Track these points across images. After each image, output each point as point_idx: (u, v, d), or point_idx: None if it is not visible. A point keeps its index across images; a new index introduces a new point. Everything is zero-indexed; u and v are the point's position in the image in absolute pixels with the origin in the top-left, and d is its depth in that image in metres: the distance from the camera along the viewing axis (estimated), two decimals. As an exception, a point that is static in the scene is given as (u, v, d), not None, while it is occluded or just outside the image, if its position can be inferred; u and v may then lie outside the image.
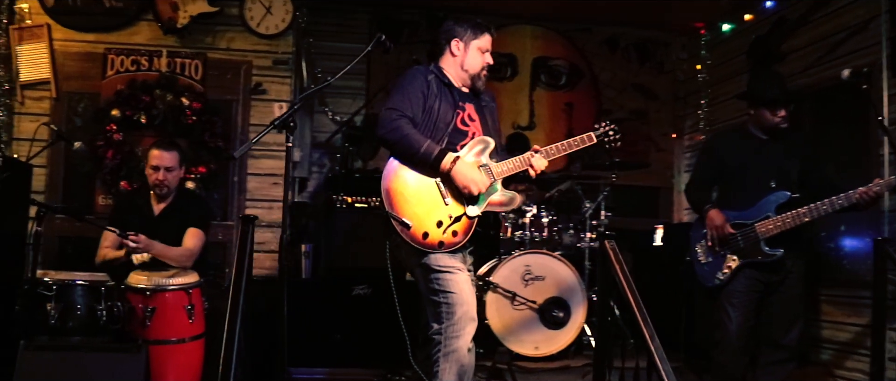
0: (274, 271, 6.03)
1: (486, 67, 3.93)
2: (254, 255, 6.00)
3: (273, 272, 6.04)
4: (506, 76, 7.72)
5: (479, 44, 3.91)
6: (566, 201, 6.29)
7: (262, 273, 6.01)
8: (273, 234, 6.07)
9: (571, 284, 5.57)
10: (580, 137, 3.96)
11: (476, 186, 3.64)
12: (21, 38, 5.92)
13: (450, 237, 3.65)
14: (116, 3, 6.04)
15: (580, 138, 3.95)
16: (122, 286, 4.41)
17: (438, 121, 3.75)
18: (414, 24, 7.57)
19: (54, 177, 5.93)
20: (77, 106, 5.98)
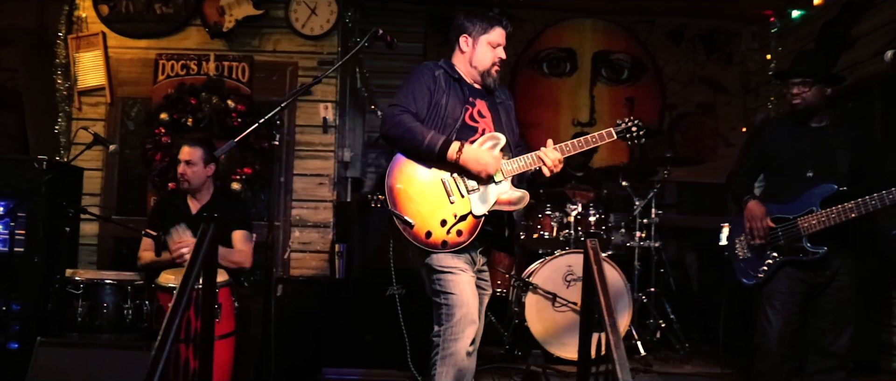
0: (319, 272, 6.06)
1: (497, 62, 3.78)
2: (300, 255, 6.12)
3: (318, 273, 6.05)
4: (565, 72, 7.52)
5: (489, 38, 3.77)
6: (618, 199, 6.06)
7: (307, 273, 6.03)
8: (319, 234, 6.08)
9: (616, 285, 5.34)
10: (598, 134, 3.77)
11: (490, 167, 3.51)
12: (79, 46, 6.13)
13: (454, 237, 3.52)
14: (167, 9, 6.18)
15: (598, 134, 3.77)
16: (152, 285, 4.49)
17: (446, 116, 3.63)
18: (469, 21, 7.44)
19: (109, 180, 6.12)
20: (130, 110, 6.14)
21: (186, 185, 4.90)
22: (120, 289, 4.39)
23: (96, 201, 6.07)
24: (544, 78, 7.50)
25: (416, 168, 3.59)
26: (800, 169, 4.13)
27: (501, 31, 3.80)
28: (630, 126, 3.83)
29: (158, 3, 6.18)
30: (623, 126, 3.82)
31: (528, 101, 7.43)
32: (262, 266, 5.65)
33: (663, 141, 7.36)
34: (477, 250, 3.69)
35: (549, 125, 7.24)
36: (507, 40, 3.85)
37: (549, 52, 7.52)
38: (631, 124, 3.83)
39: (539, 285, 5.31)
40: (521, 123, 7.15)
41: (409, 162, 3.60)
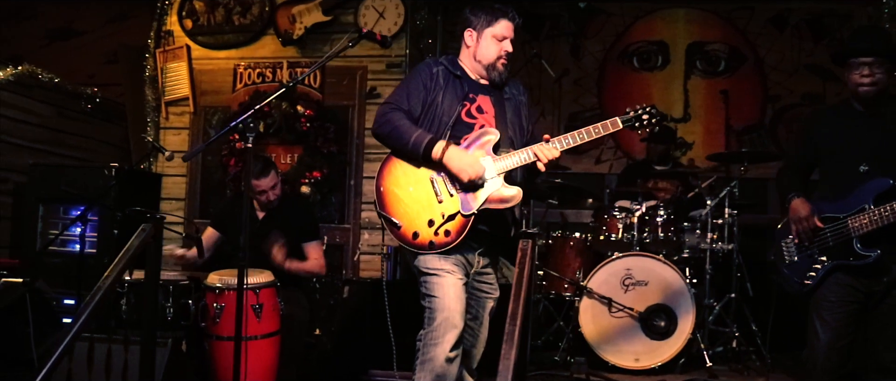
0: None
1: (503, 55, 3.60)
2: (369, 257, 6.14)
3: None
4: (656, 65, 7.14)
5: (493, 31, 3.61)
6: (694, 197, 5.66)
7: (376, 275, 6.04)
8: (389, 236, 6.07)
9: (678, 289, 4.99)
10: (603, 124, 3.52)
11: (468, 171, 3.36)
12: (166, 59, 6.48)
13: (441, 237, 3.40)
14: (244, 20, 6.40)
15: (602, 124, 3.52)
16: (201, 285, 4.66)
17: (441, 114, 3.52)
18: (555, 17, 7.24)
19: (192, 185, 6.41)
20: (212, 119, 6.41)
21: (271, 205, 5.05)
22: (162, 289, 4.58)
23: (181, 205, 6.37)
24: (634, 72, 7.16)
25: (405, 168, 3.50)
26: (852, 163, 3.66)
27: (507, 23, 3.63)
28: (640, 114, 3.55)
29: (237, 14, 6.42)
30: (632, 114, 3.55)
31: (618, 97, 7.12)
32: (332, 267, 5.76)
33: (765, 135, 6.82)
34: (475, 251, 3.53)
35: (639, 122, 6.87)
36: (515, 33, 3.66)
37: (639, 46, 7.17)
38: (641, 112, 3.55)
39: (595, 289, 5.05)
40: (612, 121, 6.93)
41: (399, 162, 3.52)
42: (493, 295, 3.68)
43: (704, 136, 6.91)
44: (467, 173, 3.36)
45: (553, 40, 7.21)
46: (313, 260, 4.95)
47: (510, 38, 3.63)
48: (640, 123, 3.56)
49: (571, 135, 3.49)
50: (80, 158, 6.41)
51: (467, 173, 3.36)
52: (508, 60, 3.64)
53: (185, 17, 6.51)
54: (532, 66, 6.71)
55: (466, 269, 3.51)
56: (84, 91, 6.51)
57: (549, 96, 7.21)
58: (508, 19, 3.63)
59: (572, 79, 7.21)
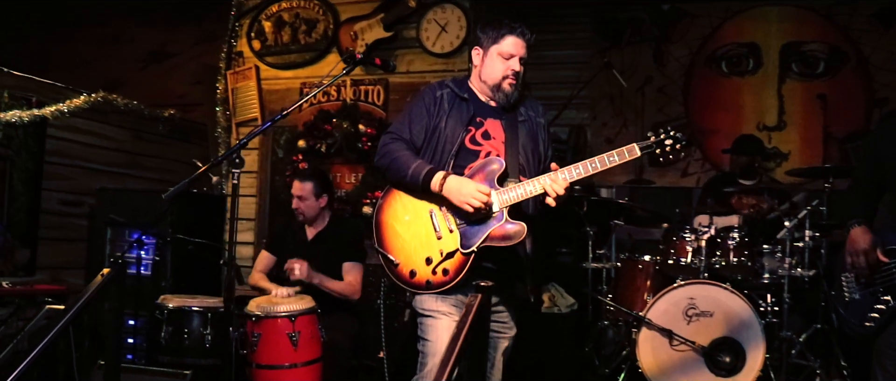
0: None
1: (510, 75, 3.34)
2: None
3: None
4: (747, 69, 6.59)
5: (499, 49, 3.36)
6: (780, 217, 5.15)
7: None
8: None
9: (746, 321, 4.53)
10: (618, 151, 3.19)
11: (473, 200, 3.11)
12: (236, 80, 6.53)
13: (439, 276, 3.18)
14: (309, 39, 6.36)
15: (618, 152, 3.19)
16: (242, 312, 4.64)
17: (445, 141, 3.31)
18: (637, 21, 6.83)
19: (261, 205, 6.43)
20: (280, 139, 6.41)
21: (301, 217, 5.02)
22: (202, 315, 4.59)
23: (250, 225, 6.41)
24: (723, 78, 6.64)
25: (404, 201, 3.31)
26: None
27: (515, 40, 3.37)
28: (662, 139, 3.21)
29: (303, 33, 6.39)
30: (652, 139, 3.21)
31: (706, 104, 6.62)
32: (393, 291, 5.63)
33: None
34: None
35: (730, 131, 6.35)
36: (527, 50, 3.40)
37: (728, 49, 6.64)
38: (664, 137, 3.21)
39: (654, 319, 4.66)
40: (700, 130, 6.49)
41: (399, 194, 3.34)
42: (506, 334, 3.42)
43: (801, 145, 6.31)
44: (471, 204, 3.12)
45: (635, 46, 6.80)
46: (346, 282, 4.81)
47: (519, 57, 3.36)
48: (662, 149, 3.22)
49: (583, 164, 3.18)
50: (156, 179, 6.57)
51: (471, 204, 3.12)
52: (517, 80, 3.37)
53: (254, 37, 6.54)
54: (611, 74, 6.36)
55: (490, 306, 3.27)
56: (160, 114, 6.66)
57: (632, 106, 6.80)
58: (516, 36, 3.37)
59: (656, 86, 6.76)
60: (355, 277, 4.86)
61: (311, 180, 5.01)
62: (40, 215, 5.66)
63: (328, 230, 5.04)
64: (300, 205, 4.97)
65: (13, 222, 5.45)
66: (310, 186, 4.98)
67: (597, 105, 6.87)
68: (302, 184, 5.00)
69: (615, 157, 3.17)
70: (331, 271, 4.91)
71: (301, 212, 4.98)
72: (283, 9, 6.50)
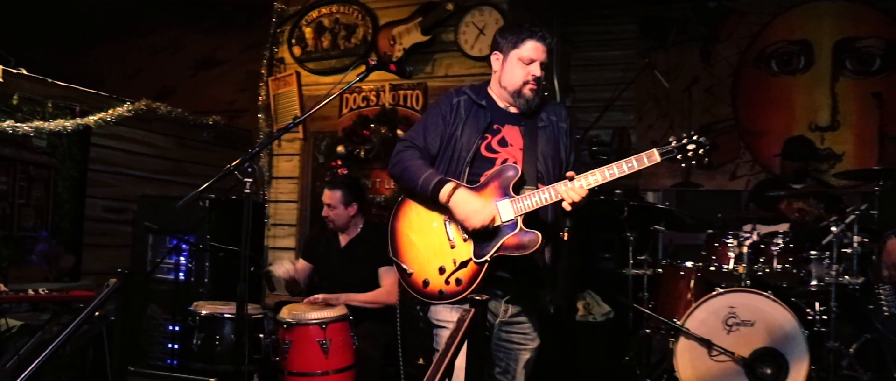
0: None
1: (530, 80, 3.27)
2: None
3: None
4: (798, 68, 6.33)
5: (519, 54, 3.29)
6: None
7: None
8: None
9: (789, 332, 4.34)
10: (637, 157, 3.10)
11: (473, 219, 3.06)
12: (277, 87, 6.57)
13: (452, 286, 3.13)
14: (348, 44, 6.36)
15: (637, 158, 3.09)
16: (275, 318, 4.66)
17: (460, 149, 3.26)
18: (683, 21, 6.64)
19: (302, 211, 6.45)
20: (321, 145, 6.42)
21: (331, 225, 5.01)
22: (233, 322, 4.60)
23: (292, 231, 6.43)
24: (773, 77, 6.39)
25: (418, 210, 3.27)
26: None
27: (535, 44, 3.29)
28: (684, 143, 3.09)
29: (342, 39, 6.39)
30: (673, 144, 3.08)
31: (755, 105, 6.38)
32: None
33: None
34: (500, 299, 3.23)
35: (781, 132, 6.11)
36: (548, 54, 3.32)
37: (778, 47, 6.39)
38: (686, 141, 3.08)
39: (693, 329, 4.50)
40: (749, 132, 6.28)
41: (413, 204, 3.30)
42: (528, 346, 3.34)
43: (855, 146, 6.03)
44: (472, 222, 3.06)
45: (681, 46, 6.60)
46: (383, 289, 4.78)
47: (540, 61, 3.28)
48: (684, 154, 3.09)
49: (600, 171, 3.09)
50: (200, 186, 6.63)
51: (472, 222, 3.06)
52: (537, 85, 3.28)
53: (295, 44, 6.57)
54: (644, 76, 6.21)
55: (487, 320, 3.19)
56: (204, 121, 6.74)
57: (678, 107, 6.61)
58: (537, 40, 3.29)
59: (703, 87, 6.55)
60: (391, 281, 4.80)
61: (339, 189, 5.00)
62: (84, 222, 5.76)
63: (361, 237, 5.02)
64: (330, 213, 4.97)
65: (58, 229, 5.57)
66: (339, 194, 4.98)
67: (642, 107, 6.70)
68: (331, 192, 5.00)
69: (634, 163, 3.07)
70: (366, 278, 4.89)
71: (331, 220, 4.98)
72: (322, 14, 6.52)
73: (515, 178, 3.13)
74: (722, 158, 6.39)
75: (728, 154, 6.38)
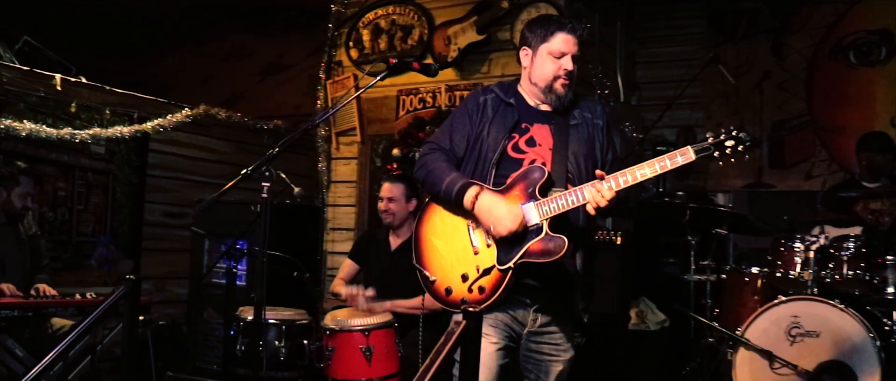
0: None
1: (562, 75, 3.10)
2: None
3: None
4: (879, 59, 5.95)
5: (549, 47, 3.13)
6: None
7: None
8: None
9: (858, 344, 4.03)
10: (670, 154, 2.88)
11: (499, 226, 2.91)
12: (335, 90, 6.55)
13: (475, 294, 2.99)
14: (405, 46, 6.29)
15: (670, 156, 2.89)
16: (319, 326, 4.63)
17: (487, 150, 3.12)
18: (753, 13, 6.30)
19: (360, 215, 6.41)
20: (378, 147, 6.37)
21: (389, 219, 4.93)
22: (277, 328, 4.59)
23: (350, 235, 6.39)
24: (851, 69, 6.01)
25: (443, 215, 3.15)
26: None
27: (566, 36, 3.12)
28: (722, 140, 2.86)
29: (399, 40, 6.33)
30: (711, 140, 2.86)
31: (831, 100, 6.02)
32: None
33: None
34: (528, 307, 3.06)
35: (859, 128, 5.73)
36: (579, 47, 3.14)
37: (856, 37, 6.00)
38: (724, 137, 2.86)
39: (753, 339, 4.23)
40: (824, 129, 5.93)
41: (437, 208, 3.17)
42: (560, 357, 3.15)
43: (944, 143, 5.61)
44: (498, 229, 2.91)
45: (751, 39, 6.28)
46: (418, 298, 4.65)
47: (572, 54, 3.10)
48: (722, 151, 2.86)
49: (631, 171, 2.89)
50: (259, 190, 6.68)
51: (498, 229, 2.91)
52: (570, 80, 3.11)
53: (352, 47, 6.54)
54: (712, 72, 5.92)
55: (512, 330, 3.05)
56: (264, 125, 6.77)
57: (749, 104, 6.28)
58: (567, 32, 3.11)
59: (775, 82, 6.22)
60: None
61: (402, 182, 4.92)
62: (144, 227, 5.85)
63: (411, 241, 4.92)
64: (390, 206, 4.87)
65: (116, 233, 5.66)
66: (401, 187, 4.89)
67: (710, 104, 6.41)
68: (392, 185, 4.90)
69: (667, 161, 2.86)
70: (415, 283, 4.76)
71: (391, 213, 4.87)
72: (379, 16, 6.47)
73: (542, 179, 2.96)
74: (796, 157, 6.06)
75: (803, 153, 6.05)
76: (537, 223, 2.93)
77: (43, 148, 5.22)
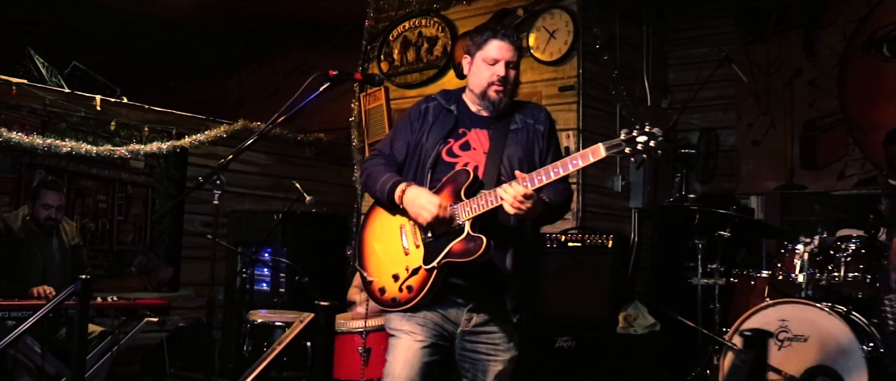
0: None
1: (495, 81, 3.19)
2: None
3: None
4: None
5: (483, 55, 3.23)
6: None
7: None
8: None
9: (845, 348, 3.88)
10: (582, 153, 2.90)
11: (423, 213, 3.00)
12: (368, 102, 6.78)
13: (404, 293, 3.11)
14: (430, 57, 6.45)
15: (581, 154, 2.90)
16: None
17: (424, 155, 3.23)
18: (782, 9, 6.12)
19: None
20: (406, 157, 6.53)
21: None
22: (282, 330, 4.82)
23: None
24: (885, 63, 5.71)
25: (382, 218, 3.28)
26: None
27: (499, 43, 3.21)
28: (633, 136, 2.85)
29: (425, 52, 6.50)
30: (622, 137, 2.86)
31: (865, 96, 5.76)
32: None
33: None
34: (462, 307, 3.14)
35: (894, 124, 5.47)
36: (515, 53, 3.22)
37: (889, 29, 5.71)
38: (636, 134, 2.85)
39: (740, 343, 4.15)
40: (858, 127, 5.73)
41: (379, 212, 3.31)
42: (498, 357, 3.19)
43: None
44: (423, 216, 3.00)
45: (781, 36, 6.10)
46: None
47: (505, 60, 3.19)
48: (633, 147, 2.85)
49: (545, 170, 2.94)
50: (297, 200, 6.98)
51: (423, 216, 3.00)
52: (503, 85, 3.19)
53: (383, 59, 6.76)
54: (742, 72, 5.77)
55: (443, 329, 3.13)
56: (307, 138, 7.06)
57: (780, 103, 6.10)
58: (499, 39, 3.21)
59: (806, 79, 6.00)
60: None
61: None
62: (183, 237, 6.22)
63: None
64: None
65: (156, 243, 6.06)
66: None
67: (741, 104, 6.25)
68: None
69: (579, 160, 2.89)
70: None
71: None
72: (407, 29, 6.66)
73: (467, 181, 3.04)
74: (828, 156, 5.84)
75: (836, 152, 5.81)
76: (460, 224, 3.02)
77: (84, 164, 5.66)
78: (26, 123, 5.37)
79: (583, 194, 5.66)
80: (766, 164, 6.06)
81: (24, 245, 4.83)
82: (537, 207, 2.95)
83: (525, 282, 3.21)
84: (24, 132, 5.20)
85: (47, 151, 5.36)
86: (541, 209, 2.99)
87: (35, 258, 4.86)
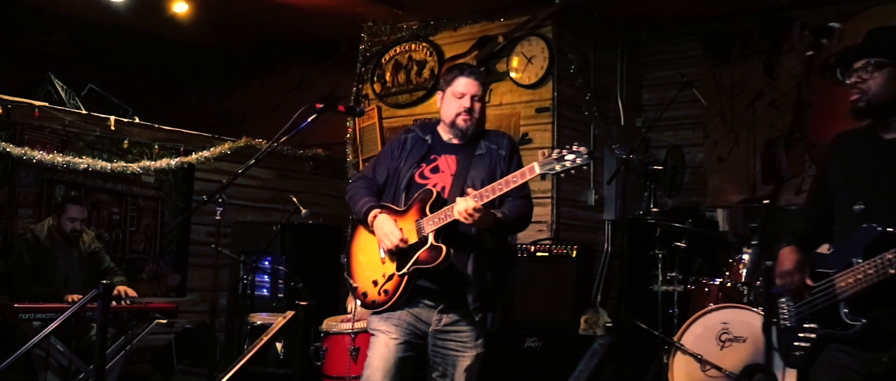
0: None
1: (462, 112, 3.69)
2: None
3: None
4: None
5: (453, 90, 3.75)
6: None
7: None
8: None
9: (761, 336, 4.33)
10: (520, 171, 3.39)
11: (385, 241, 3.52)
12: (362, 121, 7.27)
13: (381, 297, 3.60)
14: (419, 79, 6.94)
15: (520, 172, 3.39)
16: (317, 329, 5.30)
17: (400, 179, 3.73)
18: (746, 36, 6.60)
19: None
20: (398, 171, 7.02)
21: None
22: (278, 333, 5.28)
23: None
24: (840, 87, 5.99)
25: (364, 231, 3.75)
26: (851, 201, 3.04)
27: (465, 79, 3.72)
28: (563, 155, 3.29)
29: (415, 74, 6.98)
30: (554, 156, 3.32)
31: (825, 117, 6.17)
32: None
33: None
34: (433, 308, 3.60)
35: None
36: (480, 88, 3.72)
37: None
38: (564, 153, 3.30)
39: (687, 344, 4.61)
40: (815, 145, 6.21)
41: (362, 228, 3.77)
42: (466, 353, 3.65)
43: None
44: (385, 245, 3.53)
45: (744, 60, 6.57)
46: None
47: (471, 94, 3.69)
48: (562, 164, 3.31)
49: (491, 187, 3.42)
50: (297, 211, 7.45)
51: (385, 245, 3.53)
52: (469, 115, 3.67)
53: (376, 81, 7.25)
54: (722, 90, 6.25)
55: (416, 329, 3.60)
56: (306, 153, 7.56)
57: (743, 123, 6.56)
58: (465, 76, 3.71)
59: (766, 101, 6.48)
60: None
61: None
62: (190, 246, 6.73)
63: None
64: None
65: (164, 251, 6.56)
66: None
67: (709, 123, 6.72)
68: None
69: (517, 177, 3.37)
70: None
71: None
72: (398, 53, 7.15)
73: (430, 199, 3.52)
74: (788, 172, 6.28)
75: (794, 169, 6.27)
76: (424, 235, 3.51)
77: (100, 179, 6.18)
78: (47, 141, 5.88)
79: (557, 208, 6.14)
80: (730, 179, 6.52)
81: (49, 253, 5.37)
82: (488, 218, 3.42)
83: (487, 284, 3.66)
84: (46, 150, 5.72)
85: (66, 168, 5.87)
86: (491, 221, 3.46)
87: (58, 266, 5.38)
